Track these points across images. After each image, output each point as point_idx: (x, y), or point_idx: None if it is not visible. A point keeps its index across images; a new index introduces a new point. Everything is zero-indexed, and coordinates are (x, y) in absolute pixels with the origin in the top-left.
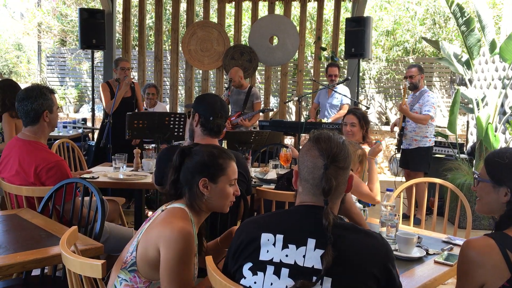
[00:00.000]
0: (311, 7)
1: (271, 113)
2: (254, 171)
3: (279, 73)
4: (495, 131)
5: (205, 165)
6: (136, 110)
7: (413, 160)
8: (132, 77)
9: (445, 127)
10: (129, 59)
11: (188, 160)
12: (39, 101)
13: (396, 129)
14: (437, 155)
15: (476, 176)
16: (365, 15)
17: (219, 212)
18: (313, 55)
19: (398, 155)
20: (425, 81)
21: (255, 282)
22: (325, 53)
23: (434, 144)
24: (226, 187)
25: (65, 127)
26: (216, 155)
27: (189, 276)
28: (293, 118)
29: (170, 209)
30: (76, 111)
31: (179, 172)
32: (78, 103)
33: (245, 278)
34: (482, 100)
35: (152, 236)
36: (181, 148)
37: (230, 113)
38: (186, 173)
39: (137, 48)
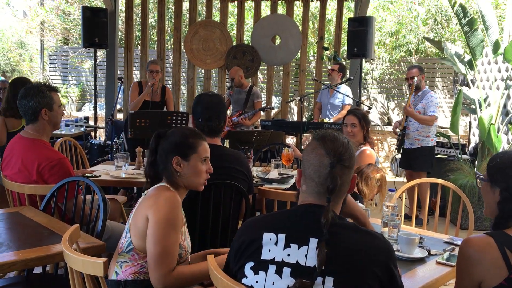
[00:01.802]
0: (314, 6)
1: (273, 113)
2: (256, 171)
3: (281, 72)
4: (498, 132)
5: (177, 145)
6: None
7: (416, 160)
8: (156, 81)
9: (447, 128)
10: (132, 58)
11: (162, 142)
12: (36, 99)
13: (398, 130)
14: (439, 156)
15: (478, 176)
16: (367, 15)
17: (194, 189)
18: (315, 55)
19: (399, 156)
20: (427, 82)
21: (256, 282)
22: (327, 53)
23: (436, 144)
24: (198, 164)
25: (67, 125)
26: (187, 135)
27: (175, 243)
28: (295, 118)
29: (154, 188)
30: (79, 110)
31: (156, 154)
32: (80, 101)
33: (246, 277)
34: (485, 100)
35: (140, 211)
36: (156, 132)
37: (231, 113)
38: (161, 154)
39: (139, 47)
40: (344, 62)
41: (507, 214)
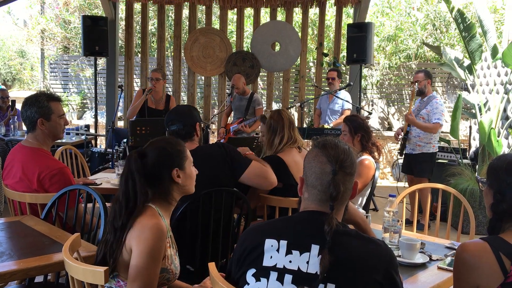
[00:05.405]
0: (313, 13)
1: None
2: None
3: (281, 79)
4: (498, 136)
5: (170, 156)
6: None
7: (416, 166)
8: (155, 87)
9: (447, 132)
10: (132, 66)
11: (147, 160)
12: (32, 109)
13: (400, 136)
14: (440, 161)
15: (480, 179)
16: (366, 21)
17: (187, 194)
18: (315, 61)
19: (401, 161)
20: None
21: None
22: (327, 59)
23: (438, 150)
24: (192, 170)
25: (68, 133)
26: (172, 143)
27: (157, 275)
28: (296, 124)
29: (140, 216)
30: (79, 118)
31: (136, 177)
32: (81, 109)
33: (248, 284)
34: (485, 105)
35: (125, 241)
36: (134, 152)
37: (232, 120)
38: (151, 173)
39: (139, 55)
40: (343, 68)
41: (499, 216)
